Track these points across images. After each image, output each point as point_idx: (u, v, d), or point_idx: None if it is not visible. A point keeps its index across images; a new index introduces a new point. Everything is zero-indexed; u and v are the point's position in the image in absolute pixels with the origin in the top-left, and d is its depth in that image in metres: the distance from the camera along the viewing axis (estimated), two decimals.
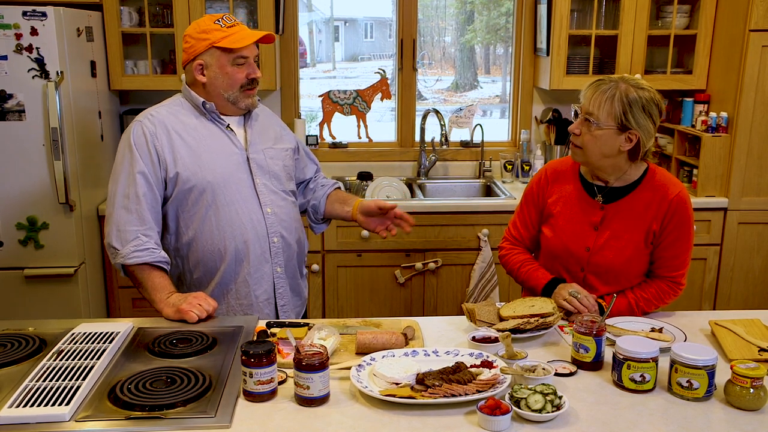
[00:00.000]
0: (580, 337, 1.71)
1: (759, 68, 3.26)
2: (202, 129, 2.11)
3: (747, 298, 3.52)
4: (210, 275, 2.13)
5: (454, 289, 3.45)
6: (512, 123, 4.06)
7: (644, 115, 1.94)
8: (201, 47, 2.05)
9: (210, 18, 2.07)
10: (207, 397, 1.53)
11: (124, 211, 2.01)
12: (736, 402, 1.53)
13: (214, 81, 2.07)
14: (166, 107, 2.13)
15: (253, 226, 2.12)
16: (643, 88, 1.96)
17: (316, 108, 4.06)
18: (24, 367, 1.65)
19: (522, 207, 2.25)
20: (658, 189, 2.04)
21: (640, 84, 1.97)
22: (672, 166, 3.68)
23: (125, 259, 2.00)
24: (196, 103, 2.12)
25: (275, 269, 2.19)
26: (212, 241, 2.09)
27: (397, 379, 1.58)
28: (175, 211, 2.09)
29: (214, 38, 2.03)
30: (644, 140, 1.97)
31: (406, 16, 3.83)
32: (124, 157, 2.04)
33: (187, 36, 2.08)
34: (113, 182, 2.05)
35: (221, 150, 2.11)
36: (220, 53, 2.05)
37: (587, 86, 2.00)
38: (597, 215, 2.08)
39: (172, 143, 2.05)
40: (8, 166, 2.90)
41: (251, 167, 2.14)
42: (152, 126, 2.06)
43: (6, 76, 2.83)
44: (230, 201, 2.09)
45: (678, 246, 2.05)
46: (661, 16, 3.65)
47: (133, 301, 3.33)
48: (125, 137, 2.07)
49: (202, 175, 2.06)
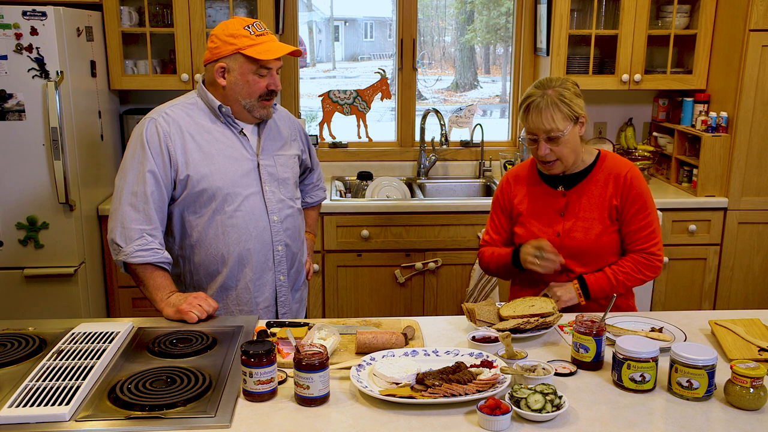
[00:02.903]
0: (580, 336, 1.71)
1: (759, 68, 3.26)
2: (215, 132, 2.09)
3: (747, 297, 3.52)
4: (210, 278, 2.13)
5: (454, 289, 3.45)
6: (512, 123, 4.06)
7: (577, 98, 2.11)
8: (226, 51, 2.02)
9: (240, 22, 2.04)
10: (207, 396, 1.53)
11: (131, 209, 1.99)
12: (736, 402, 1.53)
13: (233, 86, 2.05)
14: (180, 107, 2.09)
15: (259, 233, 2.12)
16: (557, 79, 2.14)
17: (316, 108, 4.06)
18: (24, 367, 1.65)
19: (492, 216, 2.38)
20: (611, 169, 2.20)
21: (551, 80, 2.13)
22: (672, 166, 3.68)
23: (128, 257, 1.98)
24: (212, 105, 2.09)
25: (278, 277, 2.19)
26: (216, 246, 2.09)
27: (397, 378, 1.58)
28: (181, 212, 2.08)
29: (241, 44, 2.00)
30: (586, 117, 2.16)
31: (406, 15, 3.83)
32: (135, 153, 2.01)
33: (213, 36, 2.04)
34: (121, 177, 2.03)
35: (233, 155, 2.09)
36: (244, 60, 2.01)
37: (524, 114, 2.11)
38: (560, 202, 2.21)
39: (185, 145, 2.03)
40: (8, 166, 2.90)
41: (261, 174, 2.13)
42: (166, 125, 2.03)
43: (6, 76, 2.83)
44: (238, 207, 2.08)
45: (641, 218, 2.15)
46: (661, 15, 3.65)
47: (133, 301, 3.33)
48: (138, 133, 2.04)
49: (212, 180, 2.04)
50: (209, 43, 2.06)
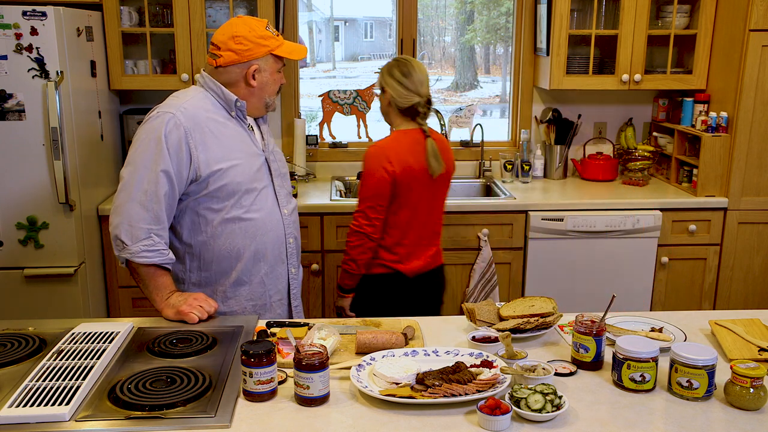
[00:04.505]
0: (580, 336, 1.71)
1: (759, 68, 3.26)
2: (230, 127, 2.08)
3: (747, 297, 3.52)
4: (222, 275, 2.11)
5: (454, 289, 3.45)
6: (512, 123, 4.06)
7: (388, 75, 2.50)
8: (260, 52, 2.05)
9: (260, 22, 2.08)
10: (207, 396, 1.53)
11: (141, 208, 1.94)
12: (736, 402, 1.54)
13: (264, 86, 2.10)
14: (191, 102, 2.04)
15: (274, 226, 2.13)
16: (404, 57, 2.54)
17: (316, 108, 4.06)
18: (24, 367, 1.65)
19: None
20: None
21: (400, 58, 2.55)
22: (672, 166, 3.68)
23: (133, 256, 1.96)
24: (228, 99, 2.07)
25: (290, 270, 2.22)
26: (232, 241, 2.07)
27: (397, 378, 1.58)
28: (195, 208, 2.05)
29: (272, 45, 2.07)
30: (391, 94, 2.50)
31: (406, 15, 3.83)
32: (148, 149, 1.94)
33: (240, 38, 2.02)
34: (131, 171, 1.96)
35: (247, 150, 2.09)
36: (273, 60, 2.09)
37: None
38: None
39: (206, 140, 2.00)
40: (8, 166, 2.90)
41: (270, 168, 2.15)
42: (186, 122, 1.97)
43: (6, 76, 2.83)
44: (254, 201, 2.08)
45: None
46: (661, 15, 3.65)
47: (133, 301, 3.33)
48: (154, 127, 1.96)
49: (233, 175, 2.03)
50: (234, 44, 2.02)
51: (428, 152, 2.47)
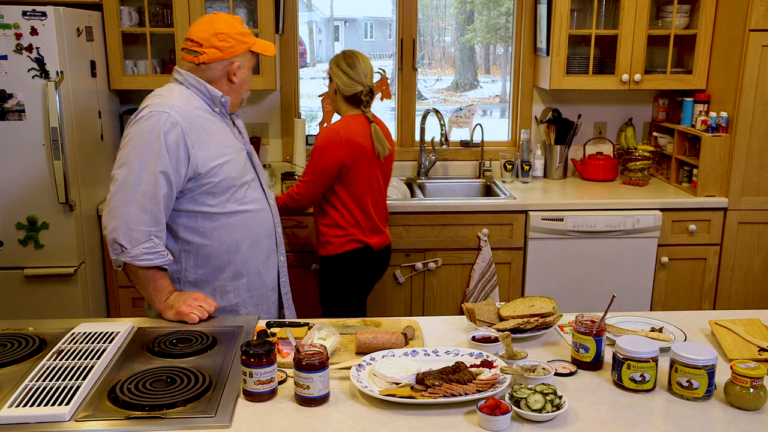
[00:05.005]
0: (580, 336, 1.71)
1: (759, 68, 3.26)
2: (217, 124, 2.11)
3: (747, 297, 3.52)
4: (220, 270, 2.12)
5: (454, 289, 3.45)
6: (512, 123, 4.06)
7: (336, 65, 2.74)
8: (241, 49, 2.09)
9: (238, 20, 2.13)
10: (207, 396, 1.53)
11: (140, 210, 1.92)
12: (736, 402, 1.54)
13: (243, 82, 2.15)
14: (181, 100, 2.04)
15: (265, 216, 2.20)
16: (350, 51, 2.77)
17: (316, 108, 4.06)
18: (24, 367, 1.65)
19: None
20: None
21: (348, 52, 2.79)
22: (672, 166, 3.68)
23: (134, 259, 1.94)
24: (213, 95, 2.08)
25: (279, 258, 2.28)
26: (230, 234, 2.10)
27: (397, 378, 1.58)
28: (193, 205, 2.05)
29: (251, 42, 2.12)
30: (338, 84, 2.75)
31: (406, 15, 3.83)
32: (145, 149, 1.92)
33: (223, 35, 2.04)
34: (126, 172, 1.93)
35: (234, 145, 2.14)
36: (251, 57, 2.15)
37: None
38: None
39: (201, 139, 2.01)
40: (8, 166, 2.90)
41: (252, 161, 2.22)
42: (182, 120, 1.97)
43: (6, 76, 2.83)
44: (246, 194, 2.13)
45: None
46: (661, 15, 3.65)
47: (133, 301, 3.33)
48: (150, 126, 1.94)
49: (228, 170, 2.07)
50: (218, 41, 2.05)
51: (373, 136, 2.75)
